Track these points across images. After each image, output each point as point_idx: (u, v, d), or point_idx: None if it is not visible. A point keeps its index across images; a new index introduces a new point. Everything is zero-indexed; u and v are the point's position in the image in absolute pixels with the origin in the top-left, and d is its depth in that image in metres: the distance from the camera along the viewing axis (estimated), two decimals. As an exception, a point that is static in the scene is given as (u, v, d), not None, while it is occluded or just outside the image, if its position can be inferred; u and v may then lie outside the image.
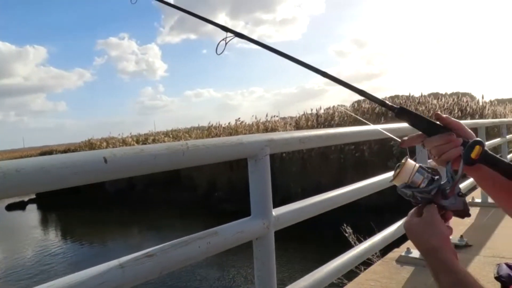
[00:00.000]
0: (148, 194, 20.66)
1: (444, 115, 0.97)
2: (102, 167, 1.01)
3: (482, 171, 0.95)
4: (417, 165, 0.93)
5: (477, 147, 0.88)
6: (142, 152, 1.12)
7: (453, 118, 0.97)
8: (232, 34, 1.46)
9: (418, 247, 0.92)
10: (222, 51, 1.46)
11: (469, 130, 0.97)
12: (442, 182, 0.91)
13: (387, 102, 1.05)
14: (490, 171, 0.91)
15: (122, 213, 19.53)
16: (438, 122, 0.97)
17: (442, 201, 0.91)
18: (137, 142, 25.51)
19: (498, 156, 0.92)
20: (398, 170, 0.93)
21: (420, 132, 0.99)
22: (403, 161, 0.94)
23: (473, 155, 0.88)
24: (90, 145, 27.72)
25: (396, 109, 1.00)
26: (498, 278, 1.04)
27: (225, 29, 1.48)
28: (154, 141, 24.47)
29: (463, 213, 0.93)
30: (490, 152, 0.91)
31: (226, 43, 1.47)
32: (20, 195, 1.13)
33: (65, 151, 25.22)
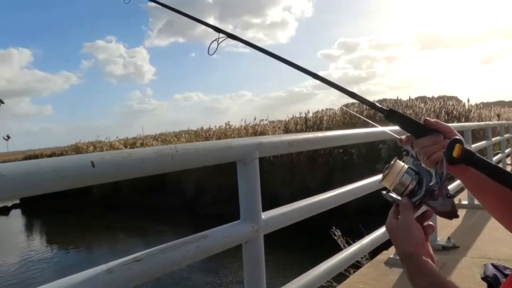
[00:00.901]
0: (135, 199, 20.47)
1: (433, 120, 0.97)
2: (90, 171, 0.99)
3: (468, 173, 0.95)
4: (406, 166, 0.92)
5: (457, 146, 0.87)
6: (130, 156, 1.11)
7: (442, 122, 0.98)
8: (224, 35, 1.44)
9: (396, 249, 0.94)
10: (214, 52, 1.45)
11: (457, 133, 0.97)
12: (431, 184, 0.91)
13: (376, 104, 1.05)
14: (477, 173, 0.91)
15: (108, 218, 19.36)
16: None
17: (430, 202, 0.91)
18: (125, 146, 25.33)
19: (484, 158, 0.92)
20: (387, 171, 0.93)
21: (409, 134, 1.00)
22: (392, 162, 0.94)
23: (455, 153, 0.87)
24: (77, 149, 27.29)
25: (385, 111, 1.01)
26: (485, 278, 1.06)
27: (217, 29, 1.47)
28: (142, 145, 24.26)
29: (451, 214, 0.92)
30: (476, 154, 0.90)
31: (218, 44, 1.45)
32: (4, 200, 1.11)
33: (50, 156, 25.01)
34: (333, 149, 13.86)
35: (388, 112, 1.00)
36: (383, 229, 2.88)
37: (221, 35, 1.45)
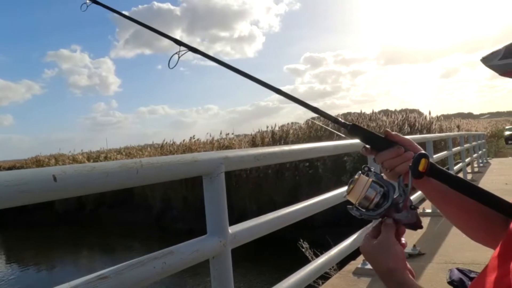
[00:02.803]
0: (100, 213, 20.08)
1: (394, 133, 0.99)
2: (52, 186, 0.96)
3: (430, 184, 0.97)
4: (370, 179, 0.93)
5: (423, 160, 0.90)
6: (93, 169, 1.09)
7: (402, 136, 1.00)
8: (185, 48, 1.42)
9: (375, 270, 0.92)
10: (175, 65, 1.42)
11: (418, 145, 0.99)
12: (395, 196, 0.92)
13: (340, 119, 1.06)
14: (438, 184, 0.94)
15: (72, 234, 18.77)
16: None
17: (395, 215, 0.92)
18: (88, 159, 24.93)
19: (445, 168, 0.94)
20: (351, 186, 0.93)
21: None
22: (356, 176, 0.94)
23: (420, 168, 0.89)
24: (37, 162, 26.60)
25: (348, 126, 1.02)
26: (451, 282, 1.08)
27: (178, 42, 1.44)
28: (106, 158, 23.95)
29: (416, 225, 0.93)
30: (437, 165, 0.93)
31: (179, 57, 1.43)
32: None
33: (10, 168, 24.23)
34: (299, 162, 13.97)
35: (351, 127, 1.02)
36: (350, 240, 2.91)
37: (182, 48, 1.42)
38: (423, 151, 0.93)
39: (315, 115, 1.18)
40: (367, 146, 1.01)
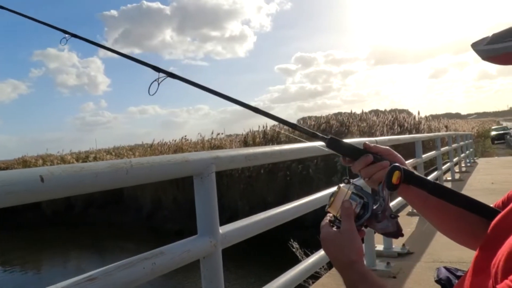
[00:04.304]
0: (89, 214, 19.95)
1: (372, 145, 1.02)
2: (39, 186, 0.95)
3: (410, 191, 1.00)
4: (349, 192, 0.94)
5: (396, 172, 0.91)
6: (82, 170, 1.07)
7: (381, 146, 1.02)
8: (164, 74, 1.46)
9: (334, 260, 0.92)
10: (155, 92, 1.46)
11: (398, 154, 1.02)
12: (374, 207, 0.93)
13: (318, 133, 1.10)
14: (418, 190, 0.96)
15: (60, 235, 18.60)
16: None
17: (376, 224, 0.94)
18: (77, 160, 24.82)
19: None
20: (332, 199, 0.95)
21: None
22: (336, 189, 0.96)
23: (394, 180, 0.91)
24: (24, 162, 26.34)
25: (327, 140, 1.05)
26: (439, 281, 1.10)
27: (157, 69, 1.49)
28: (95, 159, 23.85)
29: (396, 234, 0.95)
30: (415, 172, 0.96)
31: (158, 84, 1.47)
32: None
33: (-5, 169, 23.96)
34: (291, 163, 14.01)
35: (329, 140, 1.05)
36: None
37: (161, 74, 1.47)
38: (397, 164, 0.94)
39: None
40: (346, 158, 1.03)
